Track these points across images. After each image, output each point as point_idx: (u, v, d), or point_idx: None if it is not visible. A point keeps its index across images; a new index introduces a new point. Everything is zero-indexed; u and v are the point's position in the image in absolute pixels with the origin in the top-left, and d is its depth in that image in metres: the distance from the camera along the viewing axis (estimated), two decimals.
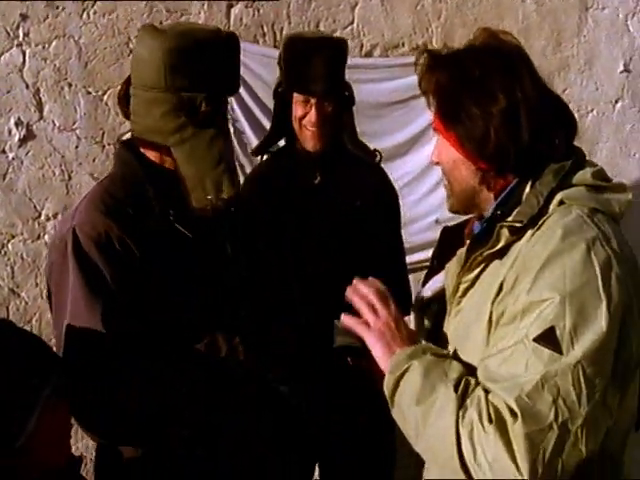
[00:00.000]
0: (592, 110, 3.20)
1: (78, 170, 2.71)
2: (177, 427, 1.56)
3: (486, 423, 1.13)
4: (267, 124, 2.71)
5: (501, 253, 1.27)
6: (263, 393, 1.70)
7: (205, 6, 2.74)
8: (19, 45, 2.60)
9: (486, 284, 1.29)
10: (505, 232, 1.26)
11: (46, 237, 2.72)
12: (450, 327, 1.38)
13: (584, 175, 1.29)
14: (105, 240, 1.51)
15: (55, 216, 2.72)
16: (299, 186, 2.18)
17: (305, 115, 2.10)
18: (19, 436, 1.16)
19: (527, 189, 1.28)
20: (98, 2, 2.62)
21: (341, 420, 2.20)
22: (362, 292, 1.36)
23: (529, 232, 1.24)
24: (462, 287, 1.34)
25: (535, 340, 1.13)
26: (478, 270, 1.31)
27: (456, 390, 1.18)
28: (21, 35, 2.60)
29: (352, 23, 2.91)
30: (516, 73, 1.26)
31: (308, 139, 2.12)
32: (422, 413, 1.20)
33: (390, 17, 2.94)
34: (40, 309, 2.76)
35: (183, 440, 1.58)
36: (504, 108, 1.24)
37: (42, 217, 2.73)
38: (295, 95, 2.11)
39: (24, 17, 2.59)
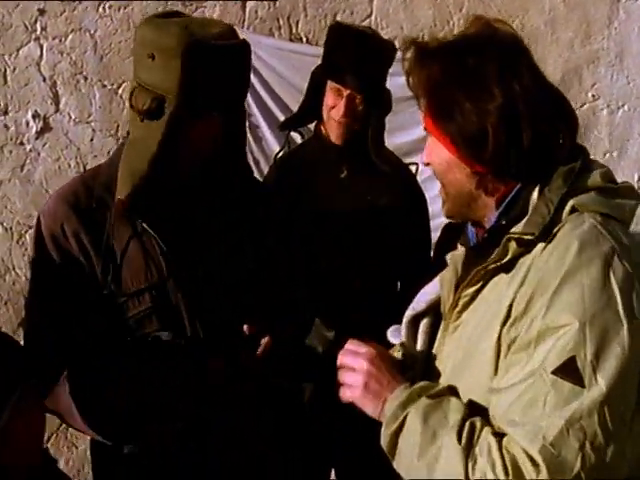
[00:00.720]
0: (623, 105, 3.06)
1: (93, 162, 2.74)
2: (169, 422, 1.55)
3: (501, 476, 1.02)
4: (282, 118, 2.69)
5: (507, 266, 1.16)
6: (263, 390, 1.65)
7: (220, 0, 2.74)
8: (37, 39, 2.65)
9: (491, 301, 1.17)
10: (513, 244, 1.14)
11: None
12: (447, 344, 1.27)
13: (594, 178, 1.18)
14: (60, 232, 1.49)
15: None
16: (324, 178, 2.14)
17: (335, 105, 2.07)
18: None
19: (534, 195, 1.15)
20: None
21: (346, 417, 2.15)
22: (339, 362, 1.25)
23: (540, 244, 1.13)
24: (462, 302, 1.22)
25: (554, 372, 1.03)
26: (480, 284, 1.20)
27: (460, 438, 1.07)
28: (39, 29, 2.65)
29: (370, 15, 2.86)
30: (513, 65, 1.15)
31: (333, 129, 2.10)
32: (427, 469, 1.09)
33: (409, 9, 2.87)
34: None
35: (176, 435, 1.55)
36: (501, 104, 1.13)
37: None
38: (329, 83, 2.08)
39: (42, 12, 2.63)
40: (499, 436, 1.07)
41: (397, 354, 1.33)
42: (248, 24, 2.74)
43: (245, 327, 1.42)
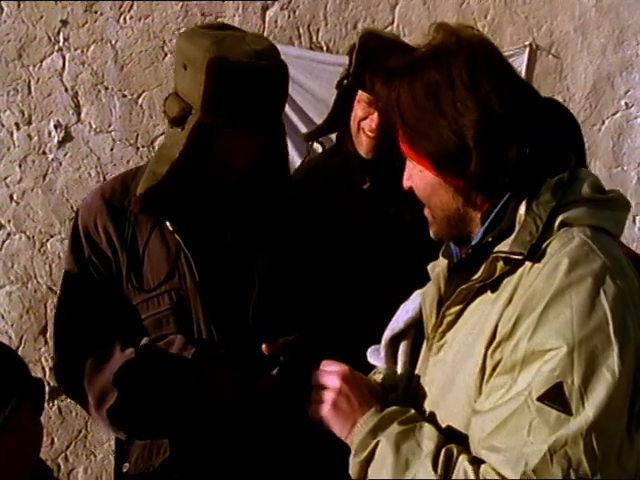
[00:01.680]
0: None
1: (113, 171, 2.76)
2: (158, 429, 1.53)
3: None
4: (304, 129, 2.65)
5: (493, 285, 1.10)
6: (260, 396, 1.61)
7: (240, 9, 2.73)
8: (59, 50, 2.68)
9: (475, 321, 1.12)
10: (500, 264, 1.08)
11: None
12: (431, 366, 1.21)
13: (583, 189, 1.11)
14: (92, 225, 1.56)
15: None
16: (346, 189, 2.08)
17: (366, 117, 1.93)
18: None
19: (522, 210, 1.08)
20: (134, 6, 2.65)
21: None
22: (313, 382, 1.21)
23: (527, 262, 1.07)
24: (446, 320, 1.16)
25: (540, 399, 0.98)
26: (465, 302, 1.14)
27: (435, 466, 1.02)
28: (61, 40, 2.68)
29: (392, 23, 2.81)
30: (483, 72, 1.08)
31: (363, 144, 1.97)
32: None
33: (433, 16, 2.81)
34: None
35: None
36: (478, 115, 1.06)
37: None
38: (360, 93, 1.93)
39: (64, 23, 2.67)
40: (477, 462, 1.02)
41: (377, 376, 1.27)
42: (268, 33, 2.72)
43: (264, 347, 1.38)
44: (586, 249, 1.05)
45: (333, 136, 2.18)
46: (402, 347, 1.30)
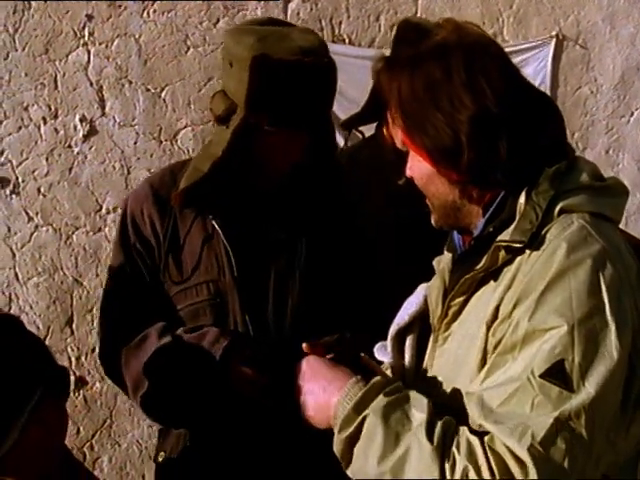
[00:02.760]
0: None
1: (136, 165, 2.79)
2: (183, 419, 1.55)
3: (487, 476, 0.97)
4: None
5: (495, 273, 1.13)
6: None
7: (262, 2, 2.73)
8: (84, 45, 2.72)
9: (478, 308, 1.14)
10: (502, 252, 1.11)
11: (107, 230, 2.82)
12: (438, 356, 1.22)
13: (581, 177, 1.14)
14: (139, 213, 1.59)
15: (115, 209, 2.82)
16: (380, 181, 2.06)
17: None
18: None
19: (521, 200, 1.11)
20: (157, 1, 2.68)
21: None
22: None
23: (527, 250, 1.09)
24: (451, 311, 1.19)
25: (542, 376, 1.00)
26: (469, 292, 1.16)
27: (431, 437, 1.01)
28: (86, 35, 2.72)
29: (415, 15, 2.78)
30: (481, 70, 1.11)
31: (399, 134, 1.99)
32: (392, 474, 1.02)
33: (456, 7, 2.78)
34: (100, 298, 2.86)
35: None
36: (473, 113, 1.09)
37: (103, 210, 2.83)
38: None
39: (89, 17, 2.70)
40: (478, 435, 1.02)
41: (387, 372, 1.28)
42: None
43: (304, 346, 1.38)
44: (584, 233, 1.07)
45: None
46: (408, 341, 1.31)
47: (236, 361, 1.48)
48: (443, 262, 1.31)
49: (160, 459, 1.64)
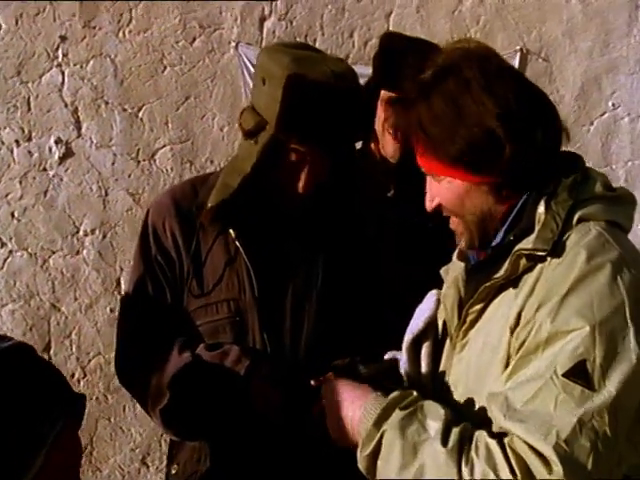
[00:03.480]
0: None
1: (114, 186, 2.76)
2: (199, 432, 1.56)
3: (507, 477, 0.99)
4: None
5: (514, 281, 1.16)
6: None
7: (238, 20, 2.75)
8: (58, 65, 2.68)
9: (498, 315, 1.17)
10: (523, 260, 1.14)
11: (84, 252, 2.77)
12: (456, 364, 1.24)
13: (595, 187, 1.19)
14: (161, 225, 1.59)
15: (93, 232, 2.77)
16: (370, 195, 2.09)
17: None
18: (23, 477, 1.15)
19: (540, 209, 1.15)
20: (133, 21, 2.66)
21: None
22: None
23: (548, 257, 1.13)
24: (469, 319, 1.21)
25: (565, 375, 1.03)
26: (487, 300, 1.19)
27: (445, 442, 1.04)
28: (60, 56, 2.67)
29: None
30: (496, 74, 1.17)
31: (389, 145, 1.97)
32: None
33: (426, 24, 2.87)
34: (79, 323, 2.81)
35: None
36: (501, 112, 1.14)
37: (80, 233, 2.78)
38: (383, 93, 1.94)
39: (63, 38, 2.66)
40: (497, 437, 1.05)
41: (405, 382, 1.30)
42: (266, 44, 2.75)
43: (312, 382, 1.40)
44: (602, 240, 1.12)
45: None
46: (425, 349, 1.32)
47: (256, 379, 1.50)
48: (455, 271, 1.33)
49: (174, 471, 1.64)
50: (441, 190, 1.23)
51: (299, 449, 1.53)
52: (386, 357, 1.43)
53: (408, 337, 1.34)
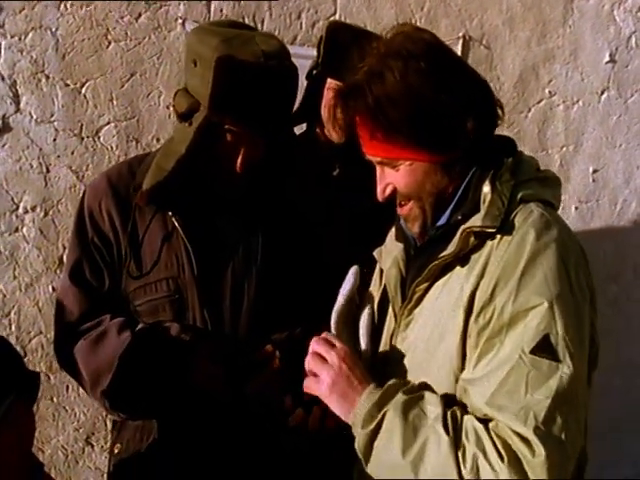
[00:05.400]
0: (578, 101, 3.17)
1: (56, 163, 2.69)
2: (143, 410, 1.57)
3: (496, 461, 1.04)
4: None
5: (462, 259, 1.21)
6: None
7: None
8: None
9: (446, 293, 1.21)
10: (472, 238, 1.19)
11: (24, 230, 2.70)
12: (399, 342, 1.28)
13: (531, 168, 1.27)
14: (97, 207, 1.59)
15: (33, 209, 2.70)
16: (315, 176, 2.12)
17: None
18: None
19: (486, 189, 1.21)
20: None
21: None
22: (311, 349, 1.25)
23: (496, 236, 1.19)
24: (415, 297, 1.25)
25: (532, 352, 1.09)
26: (433, 278, 1.23)
27: (447, 430, 1.08)
28: None
29: (334, 14, 2.88)
30: (442, 59, 1.23)
31: (337, 127, 2.03)
32: (412, 466, 1.08)
33: (372, 8, 2.91)
34: (18, 302, 2.74)
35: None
36: (459, 92, 1.20)
37: (20, 210, 2.70)
38: (329, 81, 2.04)
39: (0, 9, 2.56)
40: (483, 422, 1.10)
41: None
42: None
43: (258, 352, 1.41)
44: (545, 219, 1.19)
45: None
46: (362, 329, 1.36)
47: (197, 356, 1.52)
48: (393, 251, 1.36)
49: (116, 450, 1.64)
50: (398, 176, 1.26)
51: (242, 425, 1.56)
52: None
53: (333, 316, 1.39)
